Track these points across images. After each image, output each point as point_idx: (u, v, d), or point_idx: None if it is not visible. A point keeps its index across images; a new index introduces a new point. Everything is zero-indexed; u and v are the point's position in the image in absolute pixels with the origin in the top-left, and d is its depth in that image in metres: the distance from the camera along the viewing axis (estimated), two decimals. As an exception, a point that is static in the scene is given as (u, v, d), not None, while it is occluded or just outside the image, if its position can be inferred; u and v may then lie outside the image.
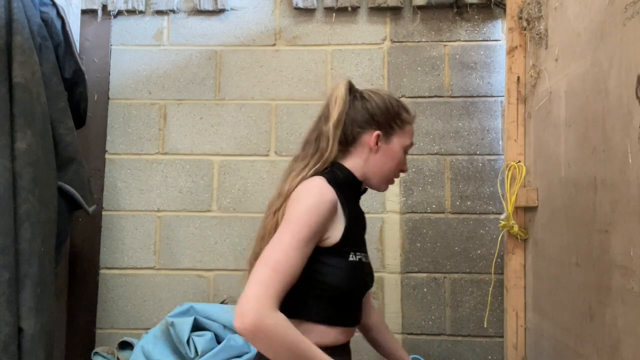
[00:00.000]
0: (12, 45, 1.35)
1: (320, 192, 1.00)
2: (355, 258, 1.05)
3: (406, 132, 1.15)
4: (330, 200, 1.00)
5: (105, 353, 1.77)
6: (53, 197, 1.44)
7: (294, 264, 0.92)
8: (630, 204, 0.97)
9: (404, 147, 1.15)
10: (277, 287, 0.89)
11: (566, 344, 1.28)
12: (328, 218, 1.00)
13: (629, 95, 0.97)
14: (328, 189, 1.01)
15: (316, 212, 0.97)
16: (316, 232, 0.97)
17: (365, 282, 1.11)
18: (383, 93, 1.16)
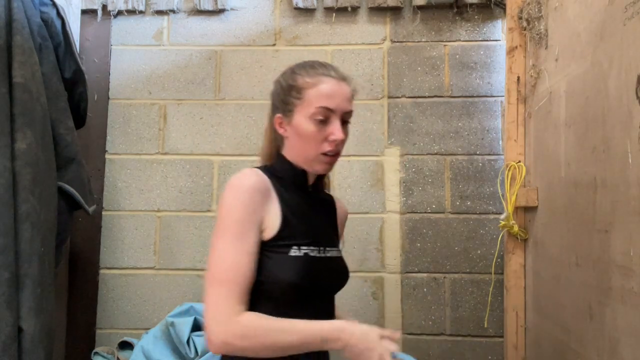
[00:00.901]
0: (12, 45, 1.35)
1: (239, 181, 0.94)
2: (298, 252, 0.96)
3: (307, 100, 0.99)
4: (252, 185, 0.94)
5: (105, 353, 1.77)
6: (53, 197, 1.44)
7: (237, 266, 0.89)
8: (630, 204, 0.97)
9: (310, 116, 0.99)
10: (229, 299, 0.88)
11: (566, 344, 1.28)
12: (257, 203, 0.94)
13: (629, 95, 0.97)
14: (249, 176, 0.96)
15: (238, 203, 0.92)
16: (248, 223, 0.92)
17: (320, 279, 0.99)
18: (288, 68, 1.05)
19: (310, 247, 0.99)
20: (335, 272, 1.05)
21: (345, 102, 1.02)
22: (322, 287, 1.01)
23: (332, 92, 1.00)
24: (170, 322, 1.61)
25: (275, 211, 0.97)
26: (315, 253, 0.99)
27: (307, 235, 0.99)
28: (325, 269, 1.01)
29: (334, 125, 1.01)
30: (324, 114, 0.99)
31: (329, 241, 1.05)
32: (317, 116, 0.98)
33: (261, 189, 0.96)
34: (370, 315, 1.81)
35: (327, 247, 1.03)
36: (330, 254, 1.03)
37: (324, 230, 1.06)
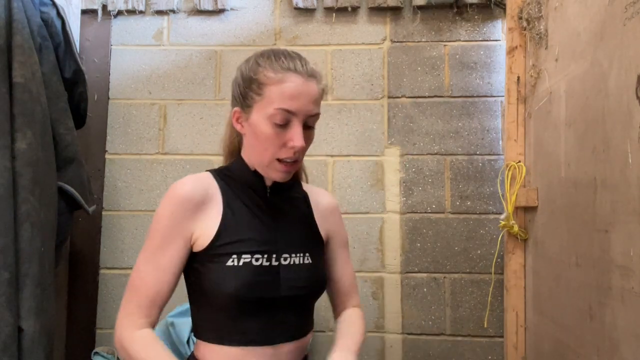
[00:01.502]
0: (12, 45, 1.35)
1: (171, 191, 0.91)
2: (237, 262, 0.88)
3: (267, 98, 0.88)
4: (182, 195, 0.90)
5: (105, 353, 1.77)
6: (53, 197, 1.44)
7: (148, 278, 0.89)
8: (630, 204, 0.97)
9: (269, 117, 0.88)
10: (133, 306, 0.89)
11: (566, 344, 1.28)
12: (185, 215, 0.89)
13: (629, 95, 0.97)
14: (183, 185, 0.91)
15: (163, 214, 0.90)
16: (169, 237, 0.89)
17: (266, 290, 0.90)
18: (254, 55, 0.94)
19: (256, 255, 0.90)
20: (293, 281, 0.93)
21: (310, 104, 0.90)
22: (270, 298, 0.90)
23: (296, 92, 0.88)
24: (170, 322, 1.61)
25: (213, 220, 0.91)
26: (263, 262, 0.90)
27: (253, 244, 0.91)
28: (277, 279, 0.91)
29: (295, 131, 0.89)
30: (284, 117, 0.88)
31: (290, 247, 0.95)
32: (275, 118, 0.88)
33: (194, 198, 0.90)
34: (370, 315, 1.81)
35: (285, 254, 0.93)
36: (290, 261, 0.94)
37: (284, 236, 0.96)
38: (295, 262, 0.95)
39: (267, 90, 0.89)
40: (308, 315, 0.99)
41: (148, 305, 0.89)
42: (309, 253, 0.97)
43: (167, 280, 0.90)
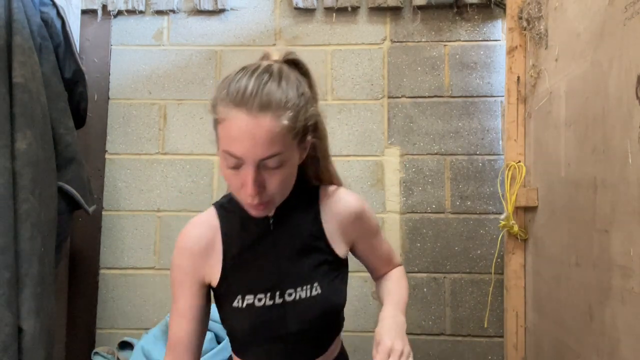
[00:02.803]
0: (12, 45, 1.35)
1: (178, 242, 0.92)
2: (240, 304, 0.88)
3: (219, 135, 0.79)
4: (188, 247, 0.91)
5: (105, 353, 1.77)
6: (53, 197, 1.44)
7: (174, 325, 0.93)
8: (630, 204, 0.97)
9: (220, 159, 0.80)
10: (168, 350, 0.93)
11: (566, 344, 1.28)
12: (191, 266, 0.91)
13: (629, 95, 0.97)
14: (188, 234, 0.92)
15: (173, 267, 0.92)
16: (181, 287, 0.92)
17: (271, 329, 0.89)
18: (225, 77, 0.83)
19: (259, 295, 0.88)
20: (302, 315, 0.89)
21: (258, 147, 0.75)
22: (278, 335, 0.89)
23: (240, 134, 0.75)
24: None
25: (217, 263, 0.91)
26: (266, 301, 0.88)
27: (255, 284, 0.89)
28: (281, 317, 0.89)
29: (246, 179, 0.78)
30: (232, 161, 0.77)
31: (297, 281, 0.90)
32: (223, 162, 0.79)
33: (198, 249, 0.90)
34: (370, 315, 1.81)
35: (290, 289, 0.90)
36: (295, 296, 0.89)
37: (288, 271, 0.91)
38: (301, 296, 0.90)
39: (218, 128, 0.79)
40: (327, 336, 0.97)
41: (176, 350, 0.92)
42: (317, 282, 0.91)
43: (188, 324, 0.91)
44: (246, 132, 0.75)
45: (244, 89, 0.76)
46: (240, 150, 0.75)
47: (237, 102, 0.75)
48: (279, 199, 0.85)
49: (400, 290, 1.03)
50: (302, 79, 0.85)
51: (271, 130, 0.75)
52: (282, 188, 0.83)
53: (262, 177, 0.79)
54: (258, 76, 0.78)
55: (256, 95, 0.75)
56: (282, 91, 0.78)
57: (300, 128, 0.80)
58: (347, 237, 0.97)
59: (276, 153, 0.77)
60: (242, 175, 0.78)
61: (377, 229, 1.04)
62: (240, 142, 0.75)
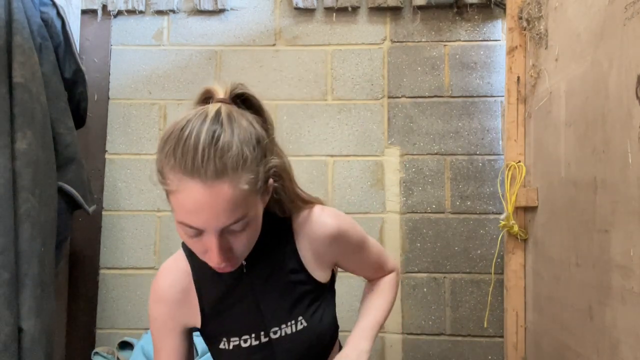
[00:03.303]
0: (12, 45, 1.35)
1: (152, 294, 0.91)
2: (227, 346, 0.88)
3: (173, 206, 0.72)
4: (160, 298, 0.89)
5: (105, 353, 1.77)
6: (53, 197, 1.44)
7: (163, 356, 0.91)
8: (630, 204, 0.97)
9: (179, 224, 0.73)
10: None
11: (566, 344, 1.28)
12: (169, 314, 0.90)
13: (629, 95, 0.97)
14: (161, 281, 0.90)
15: (151, 318, 0.91)
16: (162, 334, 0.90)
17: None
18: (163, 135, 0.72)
19: (244, 336, 0.87)
20: (288, 352, 0.89)
21: (220, 217, 0.70)
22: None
23: (197, 207, 0.68)
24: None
25: (196, 309, 0.90)
26: (252, 342, 0.87)
27: (237, 326, 0.88)
28: (269, 354, 0.88)
29: (210, 244, 0.72)
30: (191, 231, 0.72)
31: (280, 319, 0.88)
32: (182, 231, 0.73)
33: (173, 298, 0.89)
34: (370, 315, 1.81)
35: (274, 327, 0.88)
36: (280, 333, 0.88)
37: (269, 311, 0.88)
38: (287, 332, 0.88)
39: (171, 199, 0.71)
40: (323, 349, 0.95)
41: None
42: (302, 316, 0.89)
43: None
44: (204, 203, 0.68)
45: (194, 153, 0.67)
46: (199, 222, 0.70)
47: (188, 171, 0.67)
48: (246, 254, 0.80)
49: (377, 309, 0.99)
50: (255, 120, 0.77)
51: (231, 198, 0.69)
52: (249, 245, 0.78)
53: (227, 241, 0.73)
54: (207, 132, 0.68)
55: (209, 160, 0.67)
56: (237, 149, 0.69)
57: (262, 183, 0.74)
58: (327, 260, 0.92)
59: (240, 218, 0.71)
60: (204, 242, 0.73)
61: (360, 243, 0.97)
62: (198, 214, 0.69)
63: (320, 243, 0.90)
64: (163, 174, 0.70)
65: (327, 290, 0.96)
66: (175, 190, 0.69)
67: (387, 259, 1.05)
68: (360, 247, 0.97)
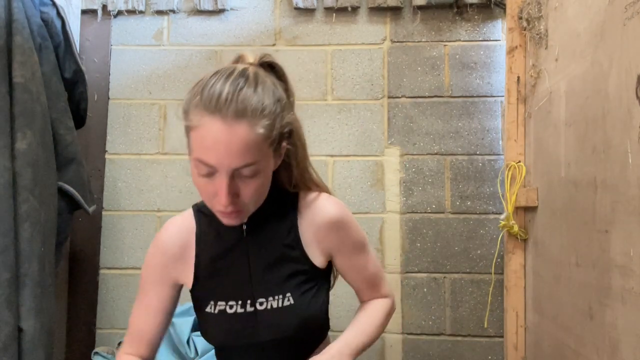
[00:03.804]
0: (12, 45, 1.35)
1: (155, 240, 0.95)
2: (212, 310, 0.87)
3: (191, 142, 0.77)
4: (162, 247, 0.92)
5: (105, 353, 1.77)
6: (53, 197, 1.44)
7: (137, 317, 0.96)
8: (630, 204, 0.97)
9: (193, 165, 0.77)
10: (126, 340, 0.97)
11: (566, 344, 1.28)
12: (164, 266, 0.93)
13: (629, 95, 0.97)
14: (165, 233, 0.93)
15: (146, 262, 0.95)
16: (150, 283, 0.95)
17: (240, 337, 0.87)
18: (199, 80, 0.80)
19: (230, 302, 0.87)
20: (271, 327, 0.87)
21: (233, 156, 0.73)
22: (249, 344, 0.88)
23: (214, 143, 0.73)
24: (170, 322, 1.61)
25: (190, 265, 0.92)
26: (238, 309, 0.87)
27: (227, 290, 0.88)
28: (255, 324, 0.87)
29: (219, 188, 0.76)
30: (205, 169, 0.75)
31: (269, 290, 0.88)
32: (196, 169, 0.77)
33: (172, 251, 0.92)
34: (370, 315, 1.81)
35: (261, 298, 0.87)
36: (266, 305, 0.87)
37: (261, 280, 0.88)
38: (272, 305, 0.87)
39: (189, 134, 0.76)
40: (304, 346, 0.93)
41: (136, 342, 0.95)
42: (290, 293, 0.88)
43: (154, 319, 0.94)
44: (220, 140, 0.72)
45: (219, 94, 0.73)
46: (214, 159, 0.73)
47: (211, 108, 0.73)
48: (252, 208, 0.83)
49: (368, 327, 0.95)
50: (278, 84, 0.84)
51: (246, 139, 0.73)
52: (256, 196, 0.81)
53: (236, 186, 0.77)
54: (233, 81, 0.76)
55: (231, 101, 0.73)
56: (258, 98, 0.75)
57: (276, 136, 0.79)
58: (324, 247, 0.92)
59: (251, 162, 0.75)
60: (214, 184, 0.76)
61: (360, 244, 0.96)
62: (214, 150, 0.73)
63: (321, 227, 0.91)
64: (187, 112, 0.76)
65: (321, 276, 0.94)
66: (196, 126, 0.74)
67: (384, 281, 1.02)
68: (358, 248, 0.96)
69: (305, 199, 0.93)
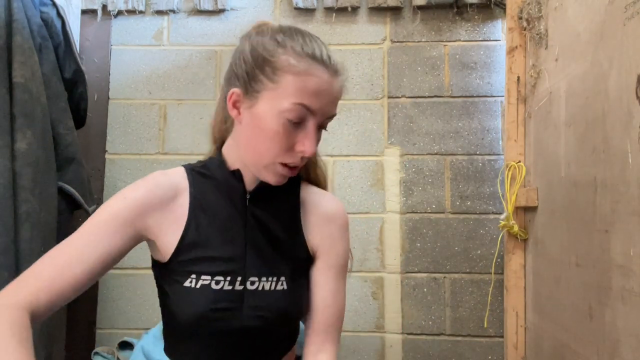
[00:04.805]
0: (12, 45, 1.35)
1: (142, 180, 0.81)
2: (194, 284, 0.76)
3: (283, 88, 0.74)
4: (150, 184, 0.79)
5: (105, 353, 1.77)
6: (53, 197, 1.44)
7: (58, 261, 0.73)
8: (630, 204, 0.97)
9: (280, 112, 0.74)
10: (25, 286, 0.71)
11: (566, 344, 1.28)
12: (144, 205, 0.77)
13: (629, 95, 0.97)
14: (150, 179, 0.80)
15: (116, 200, 0.78)
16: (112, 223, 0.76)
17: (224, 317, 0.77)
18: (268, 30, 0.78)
19: (217, 277, 0.77)
20: (257, 310, 0.79)
21: (332, 104, 0.78)
22: (229, 328, 0.78)
23: (321, 89, 0.74)
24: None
25: (175, 229, 0.79)
26: (225, 285, 0.77)
27: (215, 263, 0.78)
28: (236, 307, 0.78)
29: (308, 134, 0.76)
30: (301, 114, 0.74)
31: (263, 269, 0.81)
32: (290, 114, 0.74)
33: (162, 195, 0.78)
34: (370, 315, 1.81)
35: (253, 277, 0.80)
36: (258, 285, 0.80)
37: (256, 256, 0.82)
38: (264, 287, 0.80)
39: (284, 79, 0.74)
40: (278, 346, 0.86)
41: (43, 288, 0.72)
42: (285, 277, 0.82)
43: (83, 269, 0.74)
44: (327, 89, 0.75)
45: (321, 47, 0.77)
46: (317, 104, 0.75)
47: (317, 58, 0.75)
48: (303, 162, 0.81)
49: None
50: None
51: (340, 93, 0.79)
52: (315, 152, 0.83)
53: None
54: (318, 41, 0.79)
55: (330, 58, 0.77)
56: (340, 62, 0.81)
57: None
58: (315, 238, 0.88)
59: (334, 115, 0.80)
60: (299, 135, 0.76)
61: (345, 262, 0.91)
62: (319, 97, 0.75)
63: (320, 214, 0.88)
64: (274, 58, 0.74)
65: (307, 271, 0.88)
66: (303, 71, 0.73)
67: (340, 328, 0.89)
68: (341, 265, 0.91)
69: (307, 188, 0.91)
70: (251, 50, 0.77)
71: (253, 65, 0.76)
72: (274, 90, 0.74)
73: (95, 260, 0.75)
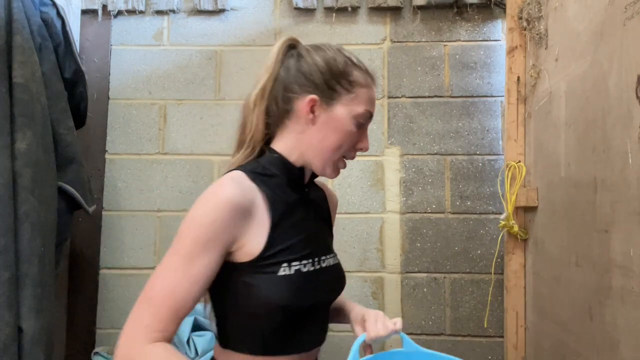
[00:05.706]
0: (12, 45, 1.35)
1: (215, 194, 0.82)
2: (288, 271, 0.83)
3: (357, 97, 0.90)
4: (230, 200, 0.80)
5: (105, 353, 1.77)
6: (53, 197, 1.44)
7: (174, 290, 0.76)
8: (630, 204, 0.97)
9: (354, 116, 0.89)
10: (149, 317, 0.75)
11: (566, 344, 1.28)
12: (230, 223, 0.80)
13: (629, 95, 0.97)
14: (228, 188, 0.82)
15: (204, 220, 0.80)
16: (206, 246, 0.78)
17: (314, 296, 0.87)
18: (329, 47, 0.93)
19: (303, 261, 0.86)
20: (331, 284, 0.93)
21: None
22: (317, 302, 0.89)
23: (374, 99, 0.94)
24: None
25: (260, 228, 0.83)
26: (309, 267, 0.87)
27: (300, 249, 0.87)
28: (320, 283, 0.89)
29: (365, 134, 0.95)
30: (367, 117, 0.92)
31: (324, 248, 0.94)
32: (362, 118, 0.90)
33: (241, 204, 0.81)
34: (370, 315, 1.81)
35: (323, 256, 0.92)
36: (326, 263, 0.92)
37: (319, 237, 0.95)
38: (330, 263, 0.94)
39: (358, 90, 0.90)
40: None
41: (169, 318, 0.76)
42: (333, 253, 0.98)
43: (196, 292, 0.78)
44: (375, 99, 0.94)
45: (366, 65, 0.94)
46: (374, 110, 0.94)
47: (369, 75, 0.93)
48: None
49: None
50: None
51: None
52: None
53: None
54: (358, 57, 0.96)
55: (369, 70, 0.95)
56: None
57: None
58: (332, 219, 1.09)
59: None
60: (360, 135, 0.93)
61: None
62: (374, 104, 0.94)
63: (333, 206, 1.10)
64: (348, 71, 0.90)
65: None
66: (367, 84, 0.92)
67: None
68: None
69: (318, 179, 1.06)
70: (328, 64, 0.90)
71: (331, 77, 0.90)
72: (350, 98, 0.90)
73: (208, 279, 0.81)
